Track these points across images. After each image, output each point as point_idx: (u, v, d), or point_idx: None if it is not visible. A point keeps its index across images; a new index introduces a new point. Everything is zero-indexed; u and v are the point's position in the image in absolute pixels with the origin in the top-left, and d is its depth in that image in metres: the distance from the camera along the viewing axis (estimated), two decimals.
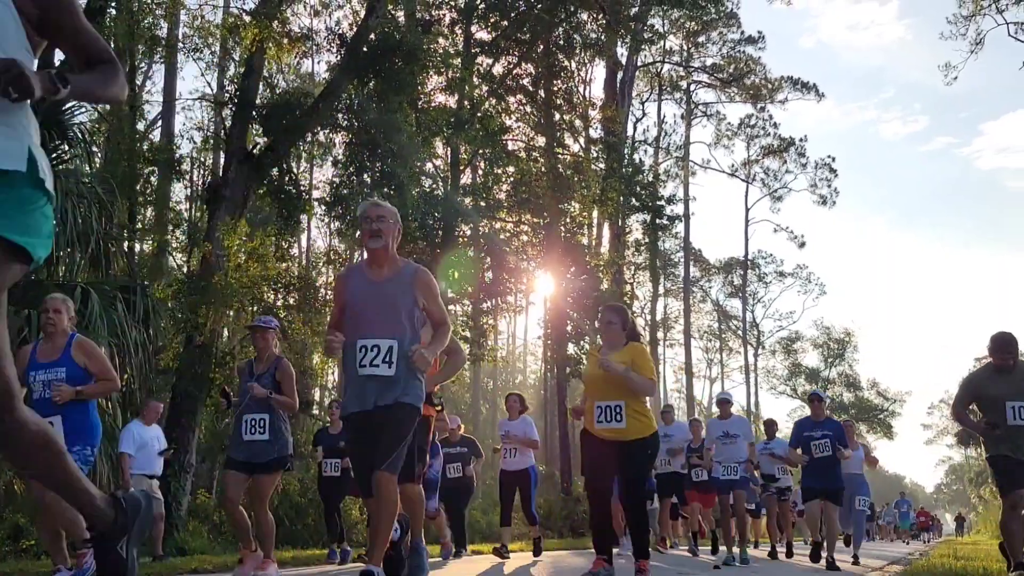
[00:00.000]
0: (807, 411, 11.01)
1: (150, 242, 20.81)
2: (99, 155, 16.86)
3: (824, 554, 10.23)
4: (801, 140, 45.59)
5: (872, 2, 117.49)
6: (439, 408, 6.64)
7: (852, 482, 10.99)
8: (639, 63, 35.10)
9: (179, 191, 24.40)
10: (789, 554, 12.68)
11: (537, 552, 10.84)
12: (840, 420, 11.66)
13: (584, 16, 24.83)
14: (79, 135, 11.49)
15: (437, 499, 8.77)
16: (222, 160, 19.58)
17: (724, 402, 10.95)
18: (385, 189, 17.66)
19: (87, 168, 11.88)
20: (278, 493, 14.19)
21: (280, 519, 13.57)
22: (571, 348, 24.35)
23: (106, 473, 9.70)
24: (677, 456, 12.43)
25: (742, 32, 41.25)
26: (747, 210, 47.37)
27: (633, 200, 26.39)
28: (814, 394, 10.17)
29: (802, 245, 47.19)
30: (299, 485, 15.16)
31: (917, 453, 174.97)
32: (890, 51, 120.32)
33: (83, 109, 12.41)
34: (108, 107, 18.68)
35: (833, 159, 45.54)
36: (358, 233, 20.32)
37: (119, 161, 16.43)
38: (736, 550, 9.92)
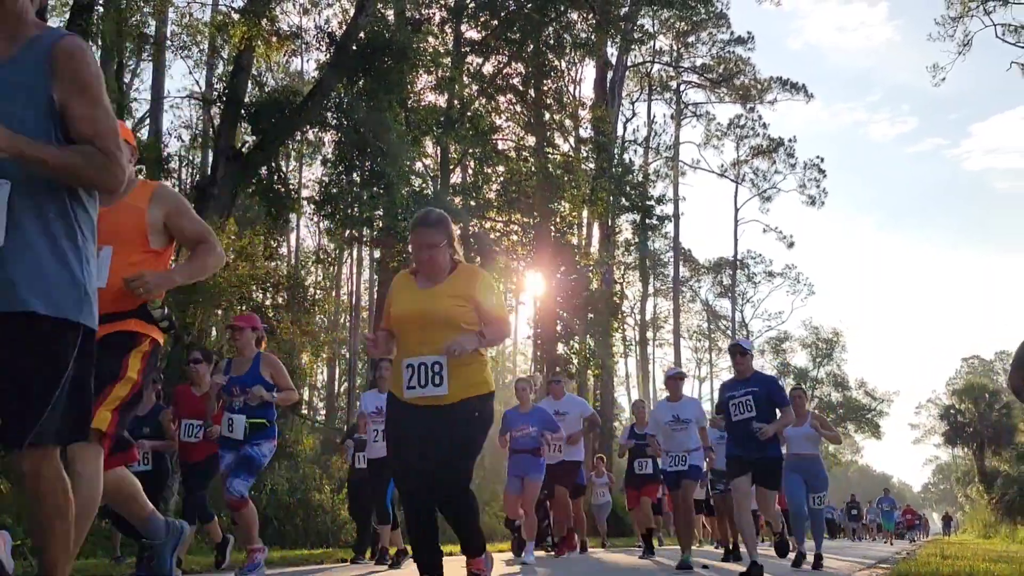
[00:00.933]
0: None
1: None
2: None
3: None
4: (790, 141, 45.75)
5: (861, 3, 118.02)
6: (165, 326, 3.86)
7: (804, 467, 9.16)
8: (629, 63, 35.13)
9: None
10: (736, 555, 10.58)
11: (395, 564, 8.94)
12: (786, 386, 9.62)
13: (574, 16, 24.84)
14: None
15: (250, 482, 6.64)
16: (210, 159, 19.52)
17: (675, 379, 9.29)
18: (374, 188, 17.65)
19: None
20: (265, 494, 14.16)
21: (268, 519, 13.53)
22: (561, 348, 24.35)
23: None
24: (575, 442, 10.07)
25: (731, 33, 41.41)
26: (736, 210, 47.47)
27: (623, 200, 26.42)
28: (735, 345, 7.83)
29: (791, 245, 47.34)
30: (287, 484, 15.13)
31: (904, 453, 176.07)
32: (879, 52, 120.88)
33: None
34: None
35: (822, 160, 45.72)
36: (347, 232, 20.37)
37: None
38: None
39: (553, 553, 10.96)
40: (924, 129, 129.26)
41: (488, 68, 24.05)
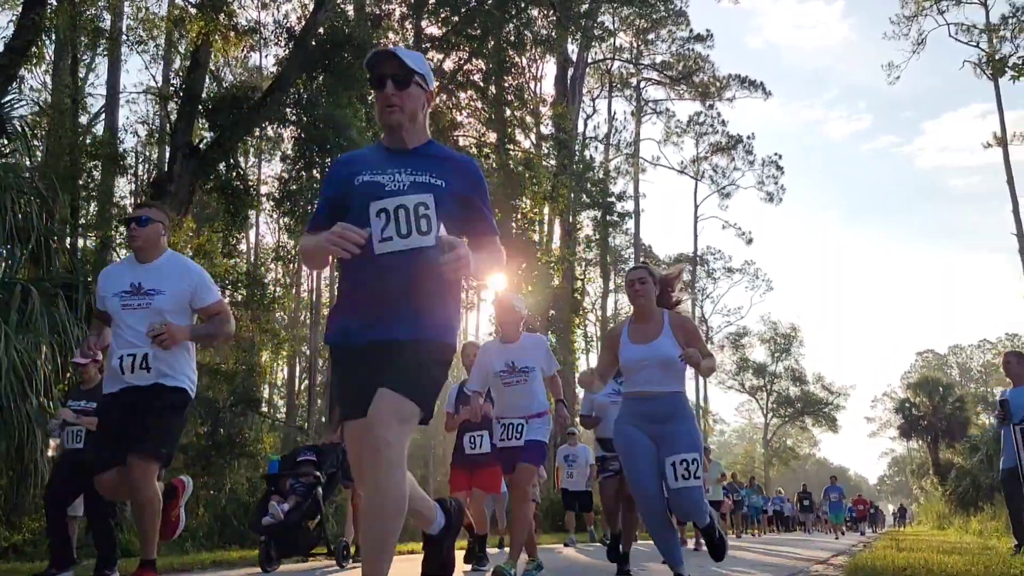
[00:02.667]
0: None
1: (93, 238, 20.39)
2: (40, 149, 16.50)
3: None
4: (749, 138, 46.27)
5: (818, 1, 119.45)
6: None
7: (652, 414, 4.83)
8: (589, 60, 35.27)
9: (123, 186, 23.97)
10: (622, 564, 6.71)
11: None
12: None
13: (535, 12, 24.86)
14: (19, 128, 11.22)
15: None
16: (167, 155, 19.27)
17: (508, 310, 5.90)
18: None
19: (27, 162, 11.59)
20: (224, 493, 14.03)
21: (228, 518, 13.41)
22: None
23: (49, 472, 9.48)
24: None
25: (691, 30, 41.69)
26: (696, 207, 47.87)
27: (584, 196, 26.54)
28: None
29: (750, 242, 47.90)
30: (247, 484, 14.99)
31: (861, 446, 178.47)
32: (835, 51, 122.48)
33: (23, 102, 12.13)
34: (49, 100, 18.31)
35: (780, 156, 46.31)
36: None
37: (61, 155, 16.10)
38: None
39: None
40: (879, 127, 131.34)
41: (449, 64, 24.00)
